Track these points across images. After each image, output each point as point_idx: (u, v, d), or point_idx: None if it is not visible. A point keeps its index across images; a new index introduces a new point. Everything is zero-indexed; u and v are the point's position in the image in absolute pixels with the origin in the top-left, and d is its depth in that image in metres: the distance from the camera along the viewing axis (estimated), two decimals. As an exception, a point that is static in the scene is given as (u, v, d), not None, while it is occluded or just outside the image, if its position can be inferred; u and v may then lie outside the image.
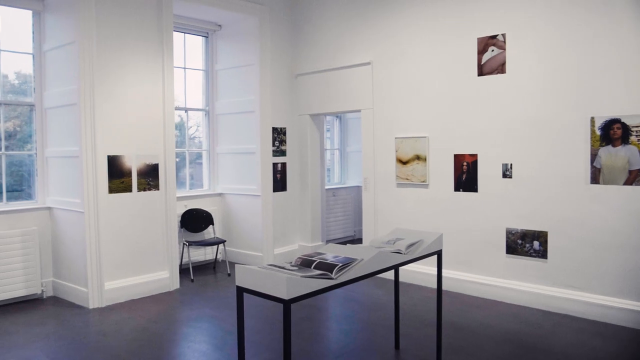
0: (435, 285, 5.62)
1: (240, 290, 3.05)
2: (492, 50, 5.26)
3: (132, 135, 5.41)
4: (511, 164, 5.17)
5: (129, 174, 5.39)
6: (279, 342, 4.15)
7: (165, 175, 5.69)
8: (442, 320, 3.95)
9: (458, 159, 5.56)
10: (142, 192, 5.50)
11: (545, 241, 4.98)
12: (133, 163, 5.42)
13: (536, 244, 5.07)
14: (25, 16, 5.41)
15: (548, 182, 4.93)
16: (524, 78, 5.04)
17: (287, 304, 2.78)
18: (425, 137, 5.80)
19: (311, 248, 7.16)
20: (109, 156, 5.22)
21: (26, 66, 5.50)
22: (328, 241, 8.08)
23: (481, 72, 5.35)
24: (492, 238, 5.33)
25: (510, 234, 5.22)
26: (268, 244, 6.81)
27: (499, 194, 5.26)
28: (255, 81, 6.68)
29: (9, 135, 5.49)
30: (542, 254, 5.01)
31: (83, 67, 4.95)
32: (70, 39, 5.00)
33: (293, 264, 3.29)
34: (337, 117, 8.98)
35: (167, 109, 5.66)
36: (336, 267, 3.09)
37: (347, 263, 3.19)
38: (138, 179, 5.47)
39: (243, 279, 3.03)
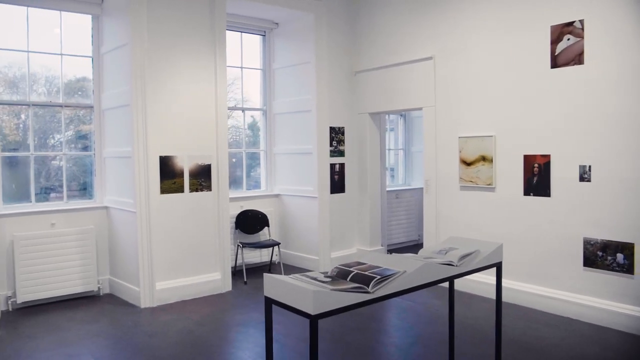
0: (503, 298, 5.14)
1: (269, 302, 2.84)
2: (568, 39, 4.69)
3: (185, 136, 5.39)
4: (590, 166, 4.59)
5: (181, 174, 5.38)
6: (325, 356, 3.91)
7: (218, 176, 5.63)
8: (501, 338, 3.54)
9: (528, 160, 5.04)
10: (194, 193, 5.47)
11: (632, 254, 4.36)
12: (185, 163, 5.40)
13: (620, 256, 4.46)
14: (85, 20, 5.55)
15: (633, 186, 4.31)
16: (604, 69, 4.45)
17: (313, 319, 2.53)
18: (491, 136, 5.31)
19: (369, 252, 6.86)
20: (161, 157, 5.23)
21: (87, 69, 5.64)
22: (389, 245, 7.73)
23: (555, 63, 4.80)
24: (567, 248, 4.76)
25: (588, 244, 4.63)
26: (324, 248, 6.59)
27: (576, 199, 4.69)
28: (311, 79, 6.48)
29: (79, 137, 5.68)
30: (627, 268, 4.39)
31: (135, 68, 4.98)
32: (124, 40, 5.06)
33: (329, 274, 3.03)
34: (401, 115, 8.59)
35: (219, 109, 5.60)
36: (373, 280, 2.80)
37: (387, 276, 2.88)
38: (190, 179, 5.44)
39: (271, 289, 2.81)
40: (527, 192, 5.07)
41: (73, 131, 5.74)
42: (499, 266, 3.54)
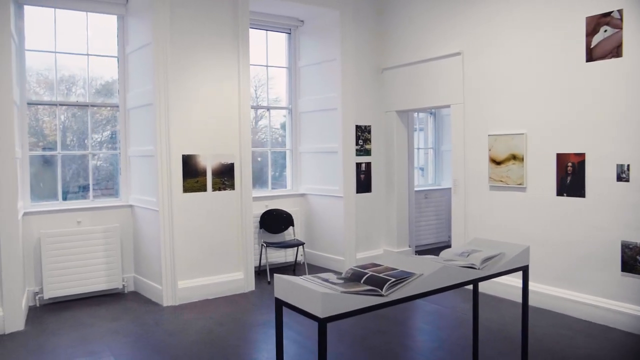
0: (534, 303, 4.93)
1: (279, 303, 2.75)
2: (605, 31, 4.44)
3: (208, 135, 5.38)
4: (628, 165, 4.32)
5: (204, 173, 5.37)
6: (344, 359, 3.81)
7: (241, 175, 5.59)
8: (528, 345, 3.34)
9: (561, 158, 4.80)
10: (217, 192, 5.46)
11: (673, 259, 4.09)
12: (208, 162, 5.39)
13: (661, 261, 4.19)
14: (111, 21, 5.62)
15: (676, 187, 4.03)
16: (645, 61, 4.18)
17: (322, 322, 2.43)
18: (522, 134, 5.09)
19: (396, 254, 6.70)
20: (183, 155, 5.23)
21: (113, 69, 5.71)
22: (418, 247, 7.55)
23: (590, 57, 4.55)
24: (604, 252, 4.50)
25: (627, 248, 4.36)
26: (350, 248, 6.48)
27: (613, 200, 4.43)
28: (337, 77, 6.38)
29: (113, 136, 5.76)
30: (668, 274, 4.12)
31: (158, 67, 4.99)
32: (147, 40, 5.08)
33: (342, 275, 2.93)
34: (430, 113, 8.39)
35: (243, 107, 5.57)
36: (387, 283, 2.68)
37: (402, 278, 2.75)
38: (213, 178, 5.43)
39: (281, 290, 2.73)
40: (560, 193, 4.82)
41: (110, 131, 5.83)
42: (525, 270, 3.36)
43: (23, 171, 5.11)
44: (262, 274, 6.25)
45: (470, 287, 3.57)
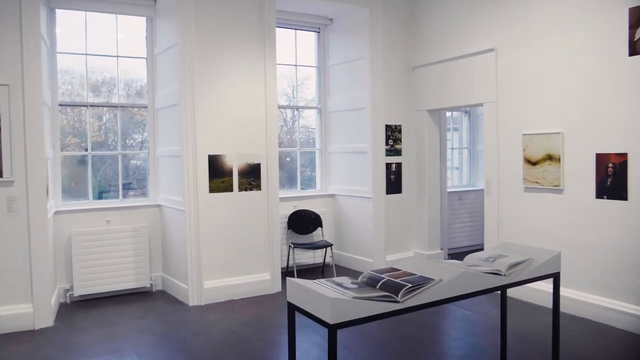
0: (570, 311, 4.69)
1: (292, 308, 2.68)
2: (649, 22, 4.16)
3: (234, 135, 5.37)
4: (674, 166, 4.04)
5: (230, 173, 5.36)
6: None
7: (268, 175, 5.56)
8: (559, 356, 3.15)
9: (601, 159, 4.53)
10: (243, 192, 5.44)
11: None
12: (234, 162, 5.38)
13: None
14: (140, 23, 5.70)
15: None
16: (693, 54, 3.89)
17: (332, 329, 2.34)
18: (559, 133, 4.84)
19: (427, 257, 6.53)
20: (210, 155, 5.24)
21: (142, 70, 5.80)
22: (451, 249, 7.33)
23: (634, 50, 4.27)
24: (646, 259, 4.22)
25: (672, 254, 4.07)
26: (379, 250, 6.35)
27: (657, 204, 4.15)
28: (366, 76, 6.27)
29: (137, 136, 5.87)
30: None
31: (184, 67, 5.01)
32: (174, 41, 5.11)
33: (358, 280, 2.83)
34: (465, 112, 8.15)
35: (269, 107, 5.53)
36: (403, 289, 2.56)
37: (419, 284, 2.63)
38: (239, 178, 5.41)
39: (293, 294, 2.66)
40: (599, 195, 4.56)
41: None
42: (556, 277, 3.16)
43: (55, 171, 5.24)
44: (290, 274, 6.20)
45: (506, 292, 3.41)
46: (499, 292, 2.82)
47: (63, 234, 5.19)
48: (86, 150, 5.55)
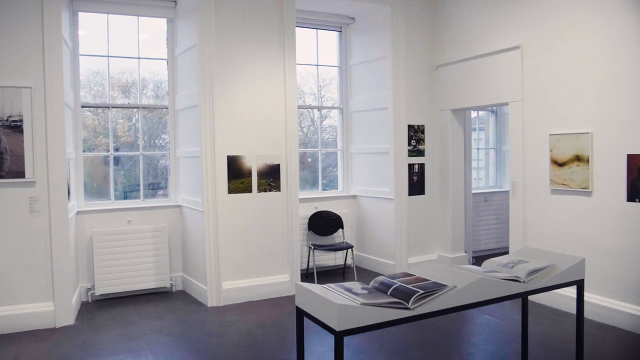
0: (599, 318, 4.50)
1: (300, 313, 2.62)
2: (684, 16, 3.94)
3: (253, 135, 5.35)
4: None
5: (249, 174, 5.34)
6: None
7: (287, 176, 5.52)
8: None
9: (633, 160, 4.32)
10: (262, 193, 5.42)
11: None
12: (253, 163, 5.36)
13: None
14: (161, 24, 5.74)
15: None
16: None
17: (338, 336, 2.28)
18: (587, 133, 4.65)
19: (451, 259, 6.39)
20: (228, 156, 5.23)
21: (163, 71, 5.85)
22: (476, 252, 7.16)
23: (667, 45, 4.06)
24: (681, 265, 4.01)
25: None
26: (401, 252, 6.24)
27: (692, 208, 3.93)
28: (388, 75, 6.16)
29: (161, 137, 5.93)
30: None
31: (203, 68, 5.02)
32: (193, 42, 5.12)
33: (368, 285, 2.75)
34: (492, 112, 7.95)
35: (289, 107, 5.49)
36: (414, 296, 2.47)
37: (432, 290, 2.54)
38: (258, 179, 5.39)
39: (302, 299, 2.60)
40: (631, 198, 4.35)
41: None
42: (580, 284, 3.02)
43: (77, 171, 5.32)
44: (310, 276, 6.15)
45: (534, 296, 3.28)
46: (496, 302, 2.70)
47: (85, 233, 5.27)
48: (112, 150, 5.61)
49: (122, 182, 5.80)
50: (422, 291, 2.50)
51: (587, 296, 4.55)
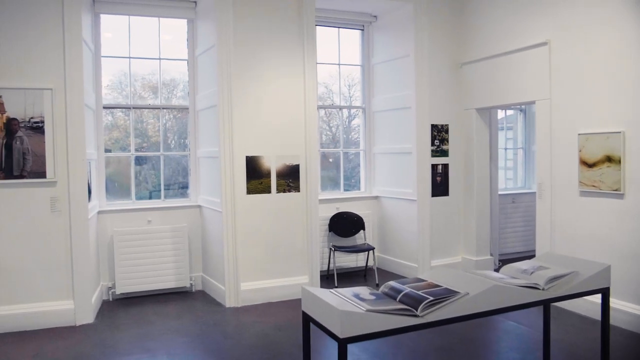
0: (631, 327, 4.29)
1: (306, 318, 2.56)
2: None
3: (272, 136, 5.31)
4: None
5: (268, 174, 5.31)
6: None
7: (307, 177, 5.46)
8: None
9: (667, 160, 4.10)
10: (281, 194, 5.37)
11: None
12: (272, 164, 5.32)
13: None
14: (182, 25, 5.77)
15: None
16: None
17: (342, 343, 2.20)
18: (619, 132, 4.43)
19: (476, 262, 6.22)
20: (247, 157, 5.21)
21: (183, 72, 5.88)
22: (502, 255, 6.95)
23: None
24: None
25: None
26: (424, 255, 6.10)
27: None
28: (410, 74, 6.03)
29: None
30: None
31: (221, 68, 5.01)
32: (213, 42, 5.11)
33: (377, 291, 2.67)
34: (520, 110, 7.71)
35: (308, 107, 5.43)
36: (423, 303, 2.37)
37: (442, 297, 2.43)
38: (277, 180, 5.35)
39: (307, 304, 2.54)
40: (665, 201, 4.12)
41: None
42: (605, 293, 2.85)
43: (99, 171, 5.39)
44: (330, 278, 6.08)
45: (553, 305, 3.13)
46: (511, 310, 2.57)
47: (106, 233, 5.33)
48: (133, 150, 5.67)
49: (152, 182, 5.85)
50: (431, 298, 2.40)
51: (617, 303, 4.34)
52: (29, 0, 4.35)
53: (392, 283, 2.69)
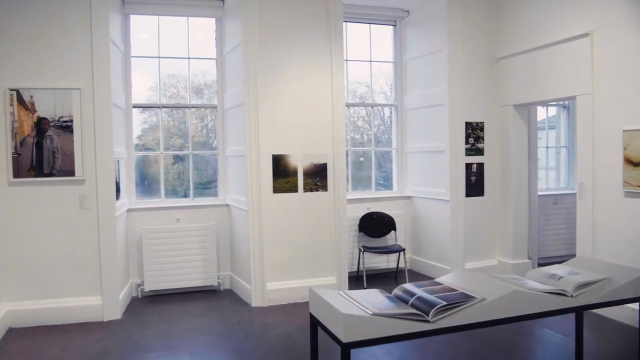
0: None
1: (313, 321, 2.47)
2: None
3: (299, 134, 5.25)
4: None
5: (295, 173, 5.25)
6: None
7: (334, 176, 5.37)
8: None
9: None
10: (308, 193, 5.30)
11: None
12: (299, 162, 5.26)
13: None
14: (210, 24, 5.79)
15: None
16: None
17: (345, 348, 2.10)
18: (667, 127, 4.11)
19: (512, 266, 5.95)
20: (274, 155, 5.16)
21: (212, 70, 5.92)
22: (542, 259, 6.63)
23: None
24: None
25: None
26: (457, 257, 5.89)
27: None
28: (443, 70, 5.83)
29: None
30: None
31: (247, 66, 4.98)
32: (239, 40, 5.10)
33: (391, 294, 2.55)
34: (563, 107, 7.33)
35: (336, 105, 5.33)
36: (435, 308, 2.24)
37: (456, 302, 2.29)
38: (304, 179, 5.28)
39: (314, 306, 2.45)
40: None
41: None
42: (642, 301, 2.63)
43: (129, 170, 5.47)
44: (360, 279, 5.96)
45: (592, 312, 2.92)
46: (533, 318, 2.37)
47: (136, 231, 5.41)
48: (162, 149, 5.74)
49: (195, 181, 5.90)
50: (444, 303, 2.27)
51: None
52: (58, 2, 4.46)
53: (406, 286, 2.57)
